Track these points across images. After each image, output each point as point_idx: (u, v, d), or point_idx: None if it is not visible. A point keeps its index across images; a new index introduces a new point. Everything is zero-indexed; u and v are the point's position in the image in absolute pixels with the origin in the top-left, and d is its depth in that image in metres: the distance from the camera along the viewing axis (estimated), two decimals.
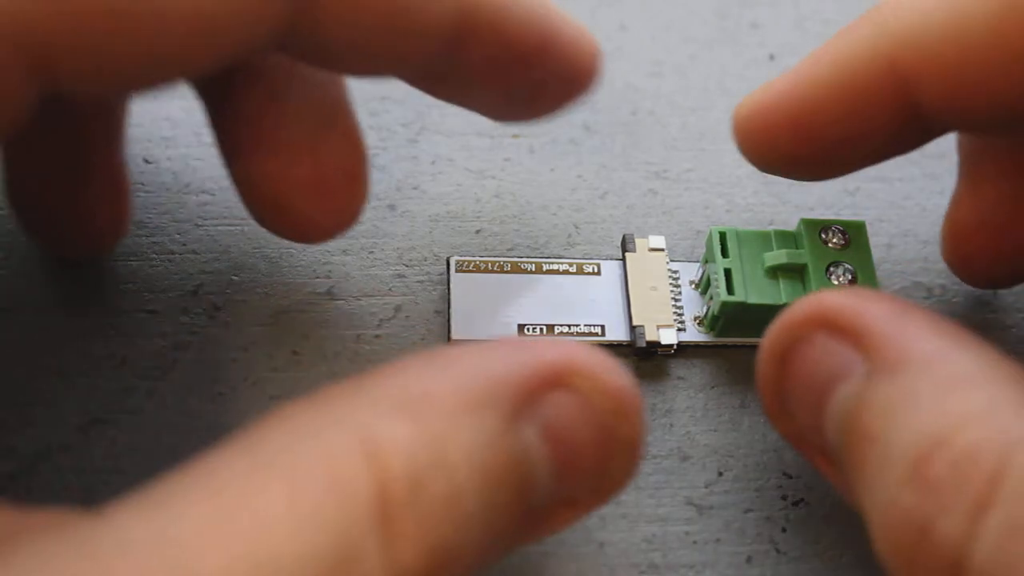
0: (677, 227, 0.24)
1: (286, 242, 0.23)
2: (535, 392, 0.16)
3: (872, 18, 0.19)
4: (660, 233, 0.24)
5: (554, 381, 0.16)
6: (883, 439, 0.16)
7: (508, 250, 0.23)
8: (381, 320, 0.22)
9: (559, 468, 0.16)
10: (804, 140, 0.20)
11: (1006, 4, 0.17)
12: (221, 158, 0.19)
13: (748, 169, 0.25)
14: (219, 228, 0.22)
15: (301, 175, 0.19)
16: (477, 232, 0.23)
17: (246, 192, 0.19)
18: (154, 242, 0.22)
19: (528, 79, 0.19)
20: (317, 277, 0.22)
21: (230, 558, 0.13)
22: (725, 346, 0.22)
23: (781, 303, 0.21)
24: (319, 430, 0.15)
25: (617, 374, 0.17)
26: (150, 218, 0.22)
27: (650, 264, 0.23)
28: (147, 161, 0.23)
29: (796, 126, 0.20)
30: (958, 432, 0.15)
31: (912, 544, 0.15)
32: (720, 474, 0.21)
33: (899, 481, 0.16)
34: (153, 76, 0.16)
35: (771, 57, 0.27)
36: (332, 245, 0.23)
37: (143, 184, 0.23)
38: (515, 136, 0.25)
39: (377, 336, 0.22)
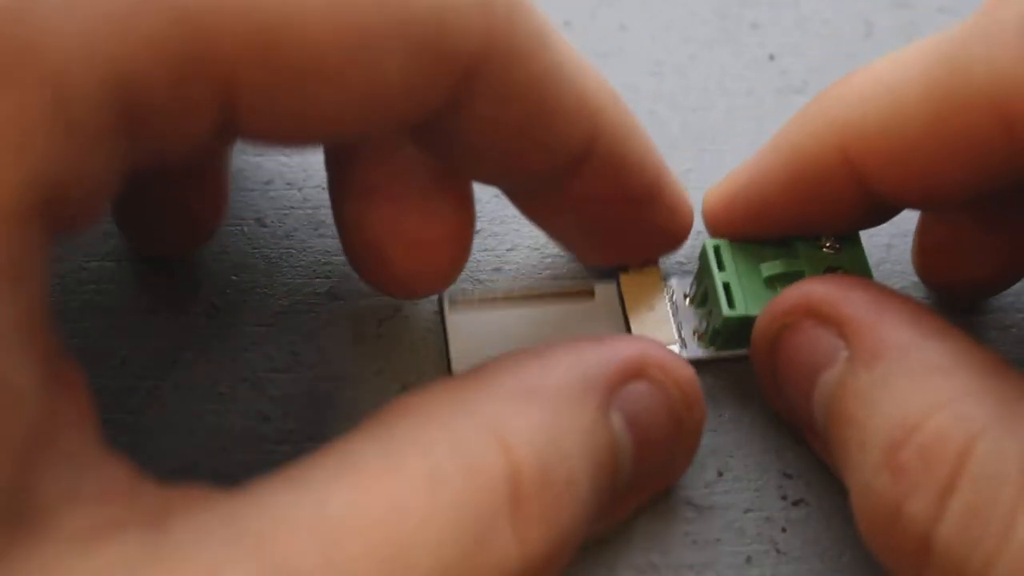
0: None
1: (286, 242, 0.23)
2: (620, 383, 0.18)
3: (821, 105, 0.20)
4: None
5: (635, 373, 0.18)
6: (861, 425, 0.18)
7: (508, 250, 0.23)
8: (381, 320, 0.22)
9: (637, 453, 0.18)
10: (766, 226, 0.21)
11: (941, 99, 0.18)
12: (331, 199, 0.20)
13: None
14: (219, 228, 0.22)
15: (407, 228, 0.19)
16: (477, 232, 0.23)
17: (349, 235, 0.20)
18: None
19: (628, 221, 0.20)
20: (317, 277, 0.22)
21: (375, 542, 0.14)
22: (728, 359, 0.22)
23: None
24: (450, 420, 0.16)
25: (686, 367, 0.19)
26: None
27: (644, 282, 0.23)
28: None
29: (757, 216, 0.21)
30: (926, 419, 0.17)
31: (886, 524, 0.17)
32: (720, 474, 0.21)
33: (874, 465, 0.17)
34: (318, 136, 0.17)
35: (771, 57, 0.27)
36: (332, 245, 0.23)
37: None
38: None
39: (377, 336, 0.22)
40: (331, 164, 0.20)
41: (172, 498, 0.14)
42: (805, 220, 0.21)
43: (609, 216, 0.20)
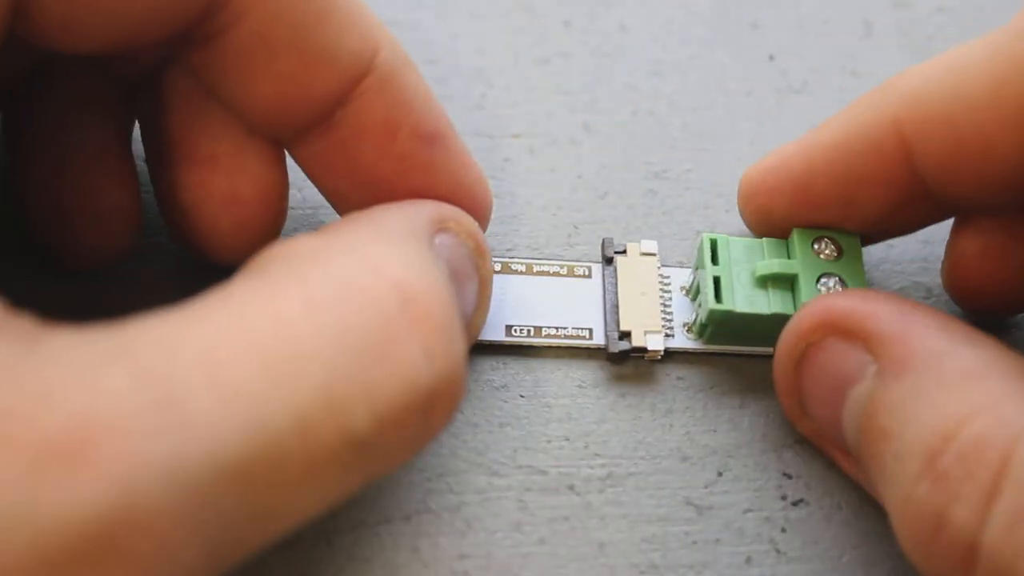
0: (677, 227, 0.24)
1: None
2: (433, 232, 0.18)
3: (881, 86, 0.20)
4: (660, 232, 0.24)
5: (439, 226, 0.19)
6: (896, 436, 0.17)
7: (508, 250, 0.23)
8: None
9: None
10: (804, 201, 0.21)
11: (1005, 70, 0.18)
12: (149, 171, 0.21)
13: None
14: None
15: (218, 188, 0.20)
16: None
17: (167, 201, 0.20)
18: (154, 242, 0.22)
19: (416, 171, 0.20)
20: None
21: (260, 356, 0.14)
22: (714, 354, 0.22)
23: (768, 313, 0.21)
24: (323, 257, 0.16)
25: (473, 221, 0.20)
26: (149, 218, 0.22)
27: (641, 269, 0.23)
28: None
29: (797, 187, 0.21)
30: (964, 426, 0.16)
31: (929, 533, 0.17)
32: (720, 474, 0.21)
33: (914, 475, 0.17)
34: (101, 29, 0.17)
35: (771, 57, 0.27)
36: None
37: (142, 184, 0.23)
38: (515, 136, 0.25)
39: None
40: (146, 141, 0.21)
41: (49, 327, 0.14)
42: (845, 200, 0.21)
43: (395, 160, 0.20)
